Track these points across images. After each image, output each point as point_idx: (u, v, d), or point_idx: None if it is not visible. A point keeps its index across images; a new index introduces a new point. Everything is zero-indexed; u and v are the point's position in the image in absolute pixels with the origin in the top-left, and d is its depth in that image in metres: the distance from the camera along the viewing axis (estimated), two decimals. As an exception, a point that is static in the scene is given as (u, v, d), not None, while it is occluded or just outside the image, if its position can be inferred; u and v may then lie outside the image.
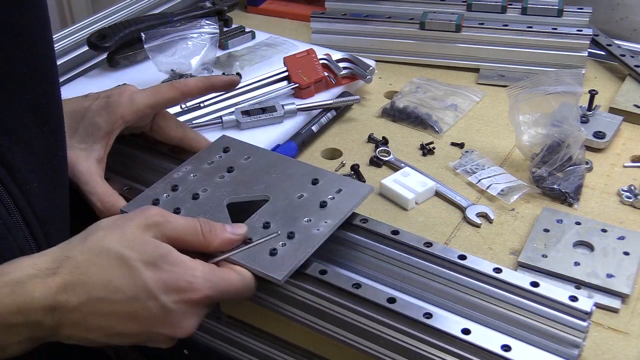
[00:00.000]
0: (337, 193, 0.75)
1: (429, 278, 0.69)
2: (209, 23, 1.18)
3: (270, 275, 0.65)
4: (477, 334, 0.62)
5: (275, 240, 0.69)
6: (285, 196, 0.75)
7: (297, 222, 0.71)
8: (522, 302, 0.65)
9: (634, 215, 0.88)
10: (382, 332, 0.64)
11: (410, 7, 1.27)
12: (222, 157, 0.81)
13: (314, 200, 0.74)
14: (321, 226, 0.70)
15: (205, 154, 0.82)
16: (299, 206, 0.73)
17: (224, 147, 0.83)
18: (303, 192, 0.75)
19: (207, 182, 0.77)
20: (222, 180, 0.78)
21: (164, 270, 0.61)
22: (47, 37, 0.67)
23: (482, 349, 0.61)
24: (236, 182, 0.77)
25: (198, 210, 0.73)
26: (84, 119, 0.81)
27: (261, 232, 0.70)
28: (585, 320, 0.63)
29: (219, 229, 0.67)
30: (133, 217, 0.64)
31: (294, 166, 0.80)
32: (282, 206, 0.73)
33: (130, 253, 0.61)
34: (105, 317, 0.60)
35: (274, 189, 0.76)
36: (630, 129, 1.05)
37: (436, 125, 1.05)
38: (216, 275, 0.64)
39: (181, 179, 0.78)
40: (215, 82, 0.90)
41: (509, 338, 0.62)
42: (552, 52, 1.16)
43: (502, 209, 0.89)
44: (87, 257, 0.60)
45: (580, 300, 0.63)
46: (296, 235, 0.69)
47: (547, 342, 0.62)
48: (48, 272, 0.59)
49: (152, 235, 0.63)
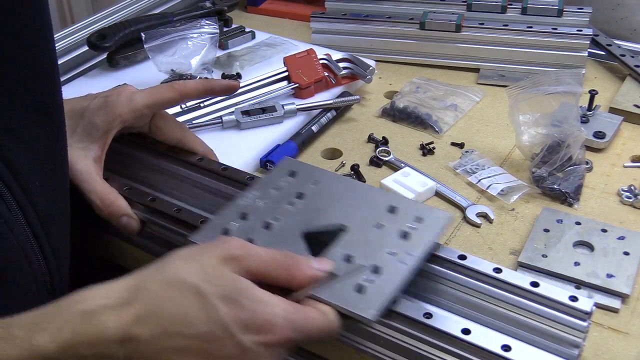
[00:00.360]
0: (416, 222, 0.70)
1: (429, 278, 0.69)
2: (209, 23, 1.18)
3: (361, 314, 0.60)
4: (477, 334, 0.61)
5: (360, 275, 0.63)
6: (363, 225, 0.69)
7: (380, 255, 0.66)
8: (522, 302, 0.65)
9: (634, 215, 0.88)
10: (382, 332, 0.64)
11: (410, 7, 1.27)
12: (289, 181, 0.76)
13: (394, 229, 0.69)
14: (406, 259, 0.65)
15: (270, 178, 0.77)
16: (379, 237, 0.68)
17: (290, 170, 0.78)
18: (381, 220, 0.70)
19: (277, 210, 0.72)
20: (293, 207, 0.72)
21: (242, 307, 0.57)
22: (48, 37, 0.67)
23: (482, 349, 0.61)
24: (308, 209, 0.72)
25: (273, 240, 0.68)
26: (83, 118, 0.81)
27: (343, 265, 0.64)
28: (585, 320, 0.62)
29: (303, 263, 0.62)
30: (212, 249, 0.61)
31: (367, 192, 0.75)
32: (362, 237, 0.68)
33: (207, 287, 0.57)
34: (178, 352, 0.56)
35: (350, 217, 0.70)
36: (630, 129, 1.05)
37: (436, 125, 1.05)
38: (299, 315, 0.59)
39: (249, 206, 0.73)
40: (214, 85, 0.90)
41: (509, 338, 0.62)
42: (552, 52, 1.16)
43: (502, 209, 0.89)
44: (162, 288, 0.57)
45: (580, 300, 0.63)
46: (383, 270, 0.64)
47: (547, 342, 0.62)
48: (121, 302, 0.56)
49: (232, 269, 0.59)
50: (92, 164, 0.80)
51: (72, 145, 0.78)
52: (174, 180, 0.84)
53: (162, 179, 0.84)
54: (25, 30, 0.63)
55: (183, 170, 0.85)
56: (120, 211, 0.79)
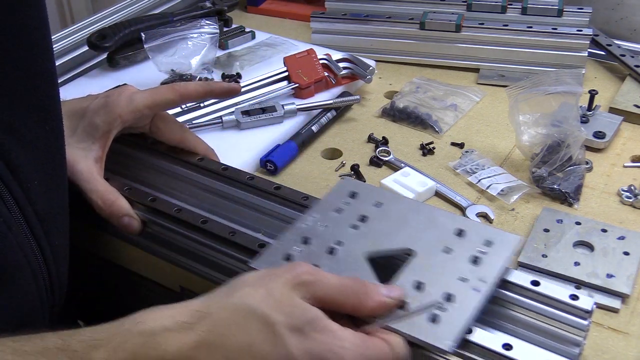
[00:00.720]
0: (485, 246, 0.68)
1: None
2: (209, 23, 1.18)
3: (437, 345, 0.59)
4: (479, 333, 0.62)
5: (433, 307, 0.62)
6: (430, 250, 0.68)
7: (451, 281, 0.64)
8: (523, 301, 0.65)
9: (634, 215, 0.88)
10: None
11: (410, 7, 1.27)
12: (350, 203, 0.74)
13: (463, 254, 0.67)
14: (479, 286, 0.64)
15: (330, 199, 0.75)
16: (448, 262, 0.66)
17: (350, 191, 0.76)
18: (449, 244, 0.68)
19: (340, 234, 0.70)
20: (357, 231, 0.70)
21: (310, 338, 0.55)
22: (47, 36, 0.67)
23: (483, 347, 0.61)
24: (373, 233, 0.70)
25: (338, 266, 0.66)
26: (83, 118, 0.81)
27: (412, 292, 0.63)
28: (586, 318, 0.63)
29: (373, 290, 0.60)
30: (281, 274, 0.59)
31: (433, 214, 0.73)
32: (431, 262, 0.66)
33: (276, 315, 0.55)
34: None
35: (417, 241, 0.68)
36: (630, 129, 1.05)
37: (436, 125, 1.05)
38: (367, 349, 0.57)
39: (310, 230, 0.71)
40: (215, 88, 0.89)
41: (510, 337, 0.62)
42: (552, 52, 1.16)
43: (502, 209, 0.89)
44: (227, 315, 0.56)
45: (581, 298, 0.63)
46: (455, 298, 0.62)
47: (548, 340, 0.62)
48: (185, 326, 0.54)
49: (301, 295, 0.57)
50: (93, 164, 0.80)
51: (72, 145, 0.79)
52: (174, 180, 0.84)
53: (162, 179, 0.84)
54: (25, 30, 0.63)
55: (183, 170, 0.85)
56: (122, 211, 0.79)
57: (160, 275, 0.83)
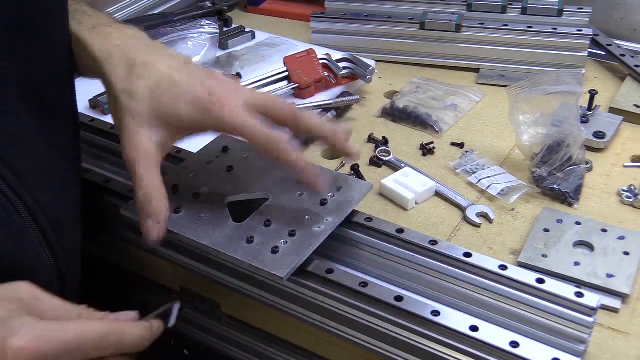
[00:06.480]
0: (337, 191, 0.76)
1: (435, 276, 0.69)
2: (209, 23, 1.18)
3: (273, 273, 0.66)
4: (485, 331, 0.62)
5: (277, 238, 0.69)
6: (285, 195, 0.76)
7: (298, 220, 0.72)
8: (528, 299, 0.65)
9: (634, 215, 0.88)
10: (390, 330, 0.64)
11: (410, 7, 1.27)
12: (219, 156, 0.82)
13: (314, 198, 0.74)
14: (322, 224, 0.71)
15: (204, 153, 0.82)
16: (299, 204, 0.74)
17: (223, 146, 0.83)
18: (303, 190, 0.76)
19: (206, 181, 0.77)
20: (222, 179, 0.78)
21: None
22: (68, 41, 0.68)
23: (490, 345, 0.61)
24: (236, 181, 0.78)
25: (200, 209, 0.73)
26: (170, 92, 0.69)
27: (262, 230, 0.70)
28: (591, 316, 0.63)
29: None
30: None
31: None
32: (282, 204, 0.74)
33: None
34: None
35: (274, 187, 0.77)
36: (630, 129, 1.05)
37: (436, 125, 1.05)
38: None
39: (180, 179, 0.78)
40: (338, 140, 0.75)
41: (517, 335, 0.62)
42: (552, 52, 1.16)
43: (502, 209, 0.89)
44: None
45: (586, 296, 0.63)
46: (297, 233, 0.70)
47: (553, 338, 0.63)
48: None
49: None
50: (155, 149, 0.68)
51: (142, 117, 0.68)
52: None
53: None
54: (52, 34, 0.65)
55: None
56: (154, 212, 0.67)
57: (160, 276, 0.83)
